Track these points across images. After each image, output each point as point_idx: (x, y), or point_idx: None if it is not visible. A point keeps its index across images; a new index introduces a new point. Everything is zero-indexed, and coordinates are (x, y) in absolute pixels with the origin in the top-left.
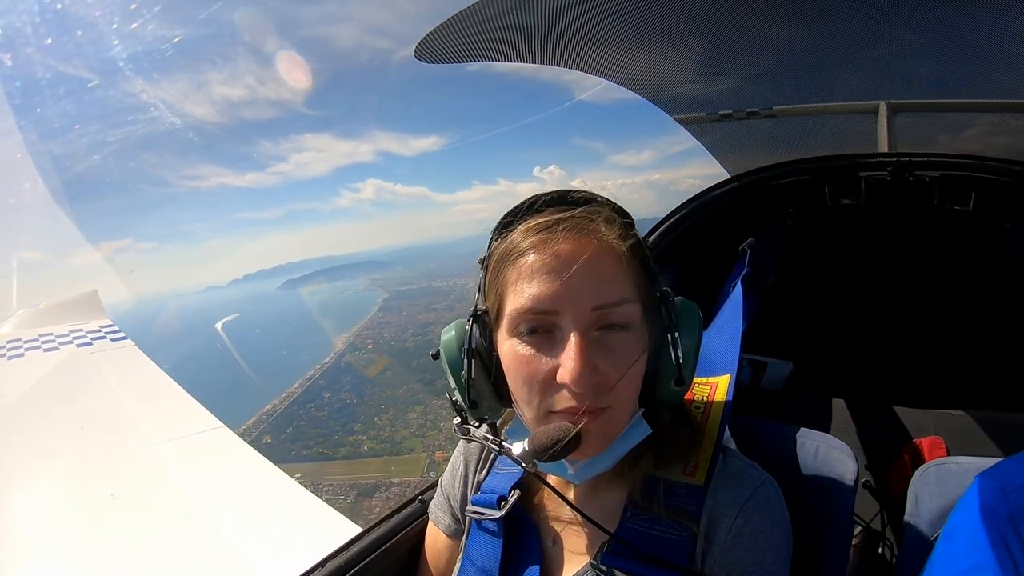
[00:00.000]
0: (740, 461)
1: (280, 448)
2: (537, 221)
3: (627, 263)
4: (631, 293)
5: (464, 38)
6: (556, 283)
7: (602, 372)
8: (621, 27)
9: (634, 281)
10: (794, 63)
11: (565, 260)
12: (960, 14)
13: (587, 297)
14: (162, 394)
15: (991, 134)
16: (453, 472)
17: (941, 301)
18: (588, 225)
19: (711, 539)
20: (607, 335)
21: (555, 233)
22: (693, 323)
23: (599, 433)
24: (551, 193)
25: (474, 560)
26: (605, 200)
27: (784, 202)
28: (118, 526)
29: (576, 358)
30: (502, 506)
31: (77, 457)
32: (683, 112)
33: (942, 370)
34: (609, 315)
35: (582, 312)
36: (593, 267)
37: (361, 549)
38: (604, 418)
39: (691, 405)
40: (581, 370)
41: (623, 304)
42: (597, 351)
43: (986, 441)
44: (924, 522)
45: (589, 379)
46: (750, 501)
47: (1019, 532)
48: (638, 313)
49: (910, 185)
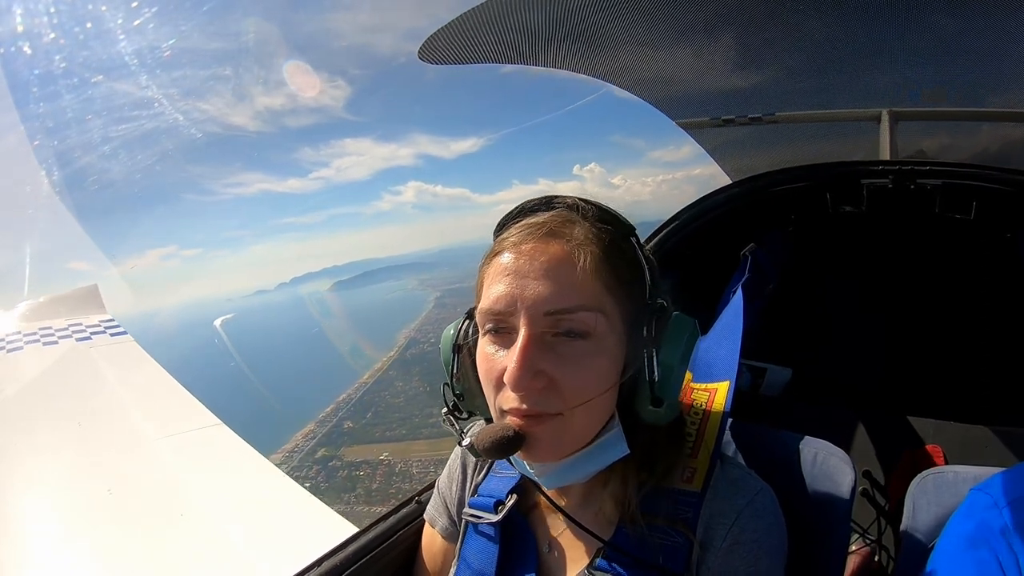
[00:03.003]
0: (737, 469)
1: (363, 430)
2: (518, 224)
3: (596, 271)
4: (593, 301)
5: (468, 39)
6: (513, 285)
7: (549, 377)
8: (625, 31)
9: (604, 290)
10: (798, 69)
11: (527, 263)
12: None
13: (541, 301)
14: (160, 390)
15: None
16: (450, 474)
17: (941, 309)
18: (560, 229)
19: (707, 546)
20: (563, 341)
21: (525, 237)
22: (678, 340)
23: (549, 439)
24: (541, 198)
25: (470, 563)
26: (593, 207)
27: (786, 209)
28: (114, 522)
29: (517, 360)
30: (499, 510)
31: (74, 452)
32: (686, 117)
33: (942, 379)
34: (563, 321)
35: (535, 316)
36: (553, 272)
37: (357, 549)
38: (554, 424)
39: (689, 411)
40: (518, 373)
41: (578, 311)
42: (548, 356)
43: (985, 451)
44: (920, 531)
45: (529, 383)
46: (747, 509)
47: (1011, 546)
48: (600, 322)
49: (912, 193)
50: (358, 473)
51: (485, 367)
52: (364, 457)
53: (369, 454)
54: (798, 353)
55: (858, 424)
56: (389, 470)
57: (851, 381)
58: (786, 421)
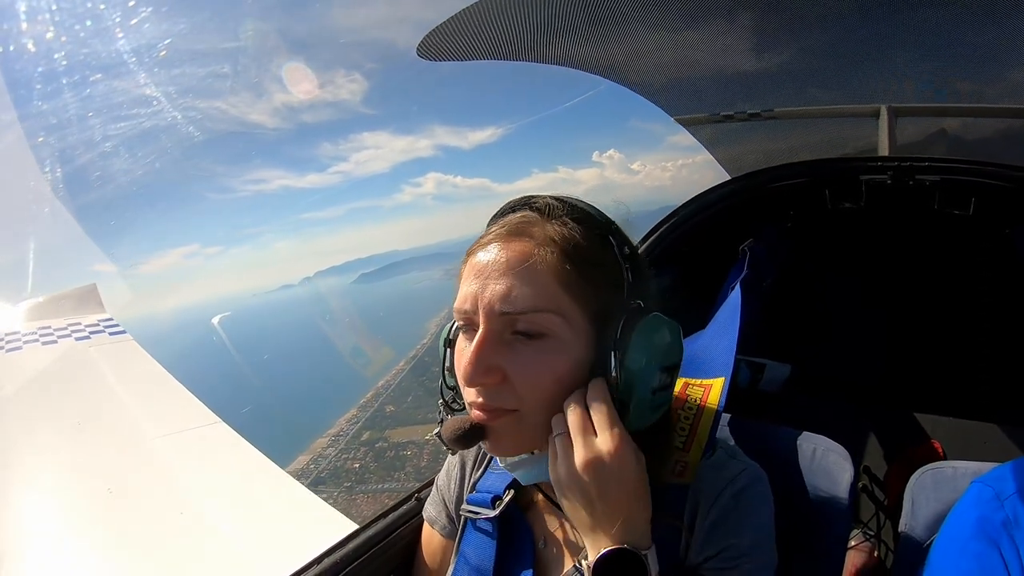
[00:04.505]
0: (723, 455)
1: (405, 413)
2: (491, 225)
3: (556, 271)
4: (548, 303)
5: (466, 36)
6: (476, 285)
7: (503, 374)
8: (621, 28)
9: (562, 290)
10: (796, 65)
11: (490, 264)
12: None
13: (496, 301)
14: (160, 389)
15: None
16: (448, 471)
17: (940, 305)
18: (526, 229)
19: (692, 529)
20: (521, 340)
21: (493, 237)
22: (646, 342)
23: (506, 433)
24: (520, 198)
25: (468, 559)
26: (566, 204)
27: (784, 205)
28: (114, 521)
29: (470, 357)
30: (496, 505)
31: (74, 451)
32: (684, 113)
33: (940, 374)
34: (517, 321)
35: (491, 315)
36: (511, 272)
37: (357, 546)
38: (511, 419)
39: (684, 406)
40: (470, 368)
41: (532, 313)
42: (504, 353)
43: (983, 446)
44: (920, 526)
45: (481, 378)
46: (728, 487)
47: (1013, 539)
48: (556, 324)
49: (910, 189)
50: (405, 453)
51: (456, 362)
52: (409, 438)
53: (414, 435)
54: (797, 349)
55: (857, 420)
56: (435, 449)
57: (850, 377)
58: (785, 417)
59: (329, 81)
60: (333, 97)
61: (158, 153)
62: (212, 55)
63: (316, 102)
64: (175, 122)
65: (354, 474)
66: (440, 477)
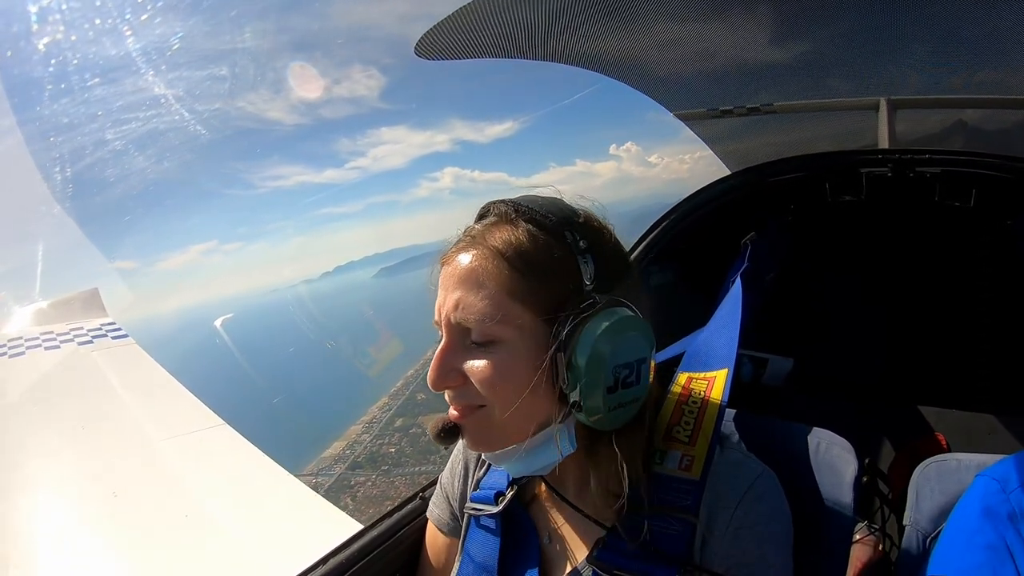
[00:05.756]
0: (738, 453)
1: (437, 400)
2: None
3: (502, 280)
4: (497, 311)
5: (464, 34)
6: (440, 297)
7: (463, 376)
8: (620, 24)
9: (509, 298)
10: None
11: (448, 275)
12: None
13: (451, 313)
14: (163, 392)
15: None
16: (452, 470)
17: (942, 297)
18: (481, 238)
19: (710, 532)
20: (479, 346)
21: (454, 247)
22: (588, 340)
23: (480, 429)
24: (490, 202)
25: (473, 557)
26: (525, 206)
27: (785, 198)
28: (120, 524)
29: (433, 363)
30: (499, 501)
31: (79, 456)
32: (683, 108)
33: (943, 367)
34: (470, 332)
35: (449, 325)
36: (462, 286)
37: (362, 546)
38: (481, 416)
39: (688, 400)
40: (432, 374)
41: (480, 323)
42: (463, 356)
43: (987, 439)
44: (924, 519)
45: (442, 383)
46: (749, 493)
47: (1019, 531)
48: (505, 331)
49: (911, 181)
50: None
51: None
52: None
53: None
54: (799, 343)
55: (860, 413)
56: None
57: (852, 370)
58: (788, 411)
59: (347, 77)
60: (350, 93)
61: (176, 151)
62: (230, 53)
63: (334, 98)
64: (191, 120)
65: (390, 458)
66: (444, 475)
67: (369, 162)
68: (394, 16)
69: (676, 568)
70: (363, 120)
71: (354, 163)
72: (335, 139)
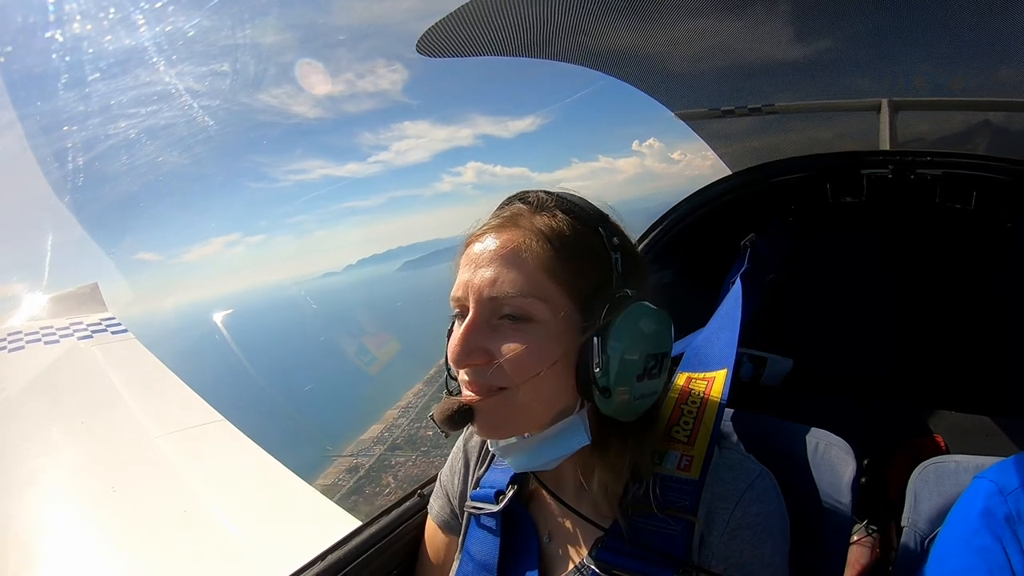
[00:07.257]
0: (736, 454)
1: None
2: (487, 218)
3: (542, 260)
4: (534, 289)
5: (466, 32)
6: (468, 273)
7: (489, 355)
8: (622, 22)
9: (548, 278)
10: (797, 60)
11: (480, 253)
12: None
13: (485, 287)
14: (162, 387)
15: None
16: (452, 467)
17: (942, 299)
18: (517, 220)
19: (708, 531)
20: (506, 323)
21: (486, 228)
22: (627, 328)
23: (495, 412)
24: (518, 193)
25: (473, 556)
26: (557, 198)
27: (786, 199)
28: (118, 520)
29: (458, 338)
30: (500, 500)
31: (77, 450)
32: (685, 107)
33: (942, 368)
34: (504, 306)
35: (480, 300)
36: (500, 260)
37: (361, 542)
38: (499, 398)
39: (687, 400)
40: (457, 349)
41: (518, 298)
42: (490, 336)
43: (985, 441)
44: (922, 520)
45: (467, 359)
46: (747, 493)
47: (1016, 534)
48: (540, 309)
49: (912, 183)
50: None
51: (449, 348)
52: None
53: None
54: (799, 342)
55: (859, 414)
56: None
57: (852, 371)
58: (787, 411)
59: (370, 71)
60: (374, 87)
61: (199, 144)
62: (254, 47)
63: (357, 92)
64: (215, 114)
65: (428, 440)
66: (444, 472)
67: (392, 156)
68: (418, 12)
69: (675, 567)
70: (387, 114)
71: (377, 157)
72: (358, 133)
